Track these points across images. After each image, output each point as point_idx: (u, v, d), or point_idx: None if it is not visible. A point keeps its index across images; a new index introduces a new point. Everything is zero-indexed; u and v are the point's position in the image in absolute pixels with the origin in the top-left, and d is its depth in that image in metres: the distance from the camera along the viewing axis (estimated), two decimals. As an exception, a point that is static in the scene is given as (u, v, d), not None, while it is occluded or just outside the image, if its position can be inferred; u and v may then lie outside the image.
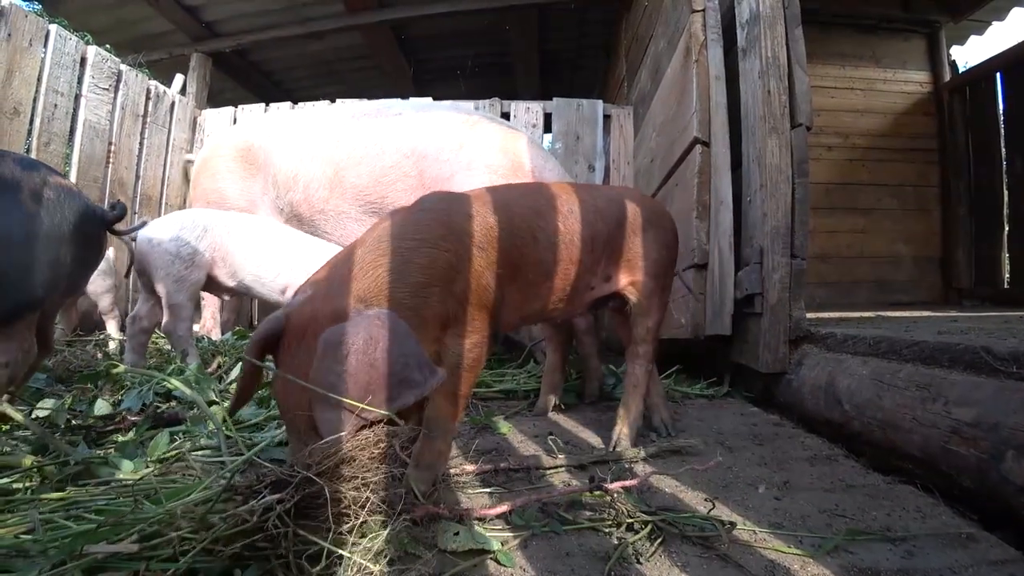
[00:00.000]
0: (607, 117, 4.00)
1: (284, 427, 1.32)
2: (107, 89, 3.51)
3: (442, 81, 5.95)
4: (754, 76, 1.99)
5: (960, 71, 4.50)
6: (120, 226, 1.55)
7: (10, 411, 1.30)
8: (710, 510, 1.00)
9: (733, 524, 0.95)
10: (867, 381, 1.40)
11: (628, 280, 1.49)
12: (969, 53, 22.06)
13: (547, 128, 4.01)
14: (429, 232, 1.12)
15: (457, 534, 0.90)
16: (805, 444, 1.47)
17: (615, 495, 1.04)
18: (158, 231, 2.19)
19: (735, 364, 2.12)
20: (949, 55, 4.43)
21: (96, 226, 1.43)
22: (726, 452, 1.40)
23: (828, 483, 1.19)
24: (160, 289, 2.16)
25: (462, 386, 1.14)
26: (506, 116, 3.94)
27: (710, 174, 2.24)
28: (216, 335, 3.09)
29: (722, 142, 2.20)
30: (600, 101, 4.02)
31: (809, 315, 1.91)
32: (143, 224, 2.06)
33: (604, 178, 3.93)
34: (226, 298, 3.08)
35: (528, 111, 3.96)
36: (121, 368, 1.89)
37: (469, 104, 3.89)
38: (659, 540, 0.92)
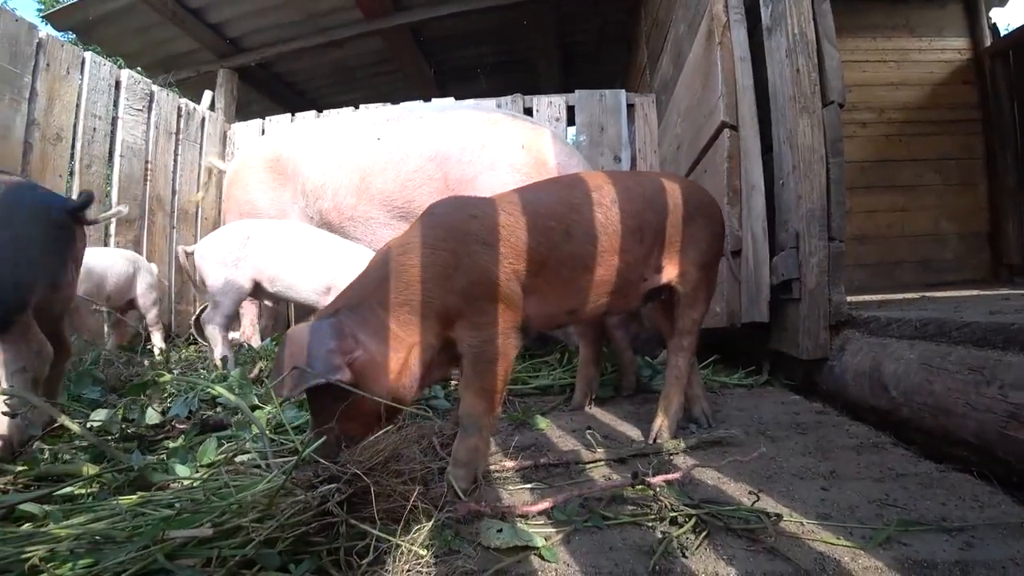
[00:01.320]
0: (631, 106, 3.95)
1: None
2: (141, 110, 3.64)
3: (463, 80, 5.96)
4: (781, 55, 1.94)
5: (1002, 34, 4.28)
6: (92, 214, 1.55)
7: (67, 422, 1.37)
8: (755, 502, 0.98)
9: (779, 516, 0.93)
10: (915, 365, 1.35)
11: (677, 271, 1.46)
12: (1011, 15, 20.93)
13: (570, 121, 3.98)
14: (427, 234, 1.19)
15: (500, 531, 0.91)
16: (851, 432, 1.43)
17: (657, 489, 1.03)
18: (207, 244, 2.40)
19: (774, 352, 2.07)
20: (989, 18, 4.22)
21: (60, 216, 1.43)
22: (768, 442, 1.38)
23: (877, 472, 1.16)
24: (208, 295, 2.42)
25: (486, 379, 1.16)
26: (528, 111, 3.93)
27: (740, 158, 2.19)
28: (256, 341, 3.18)
29: (751, 125, 2.14)
30: (623, 90, 3.97)
31: (850, 299, 1.85)
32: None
33: (630, 167, 3.89)
34: (268, 303, 3.19)
35: (551, 105, 3.94)
36: (167, 377, 1.96)
37: (491, 102, 3.90)
38: (704, 533, 0.91)
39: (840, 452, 1.28)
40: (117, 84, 3.47)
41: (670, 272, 1.46)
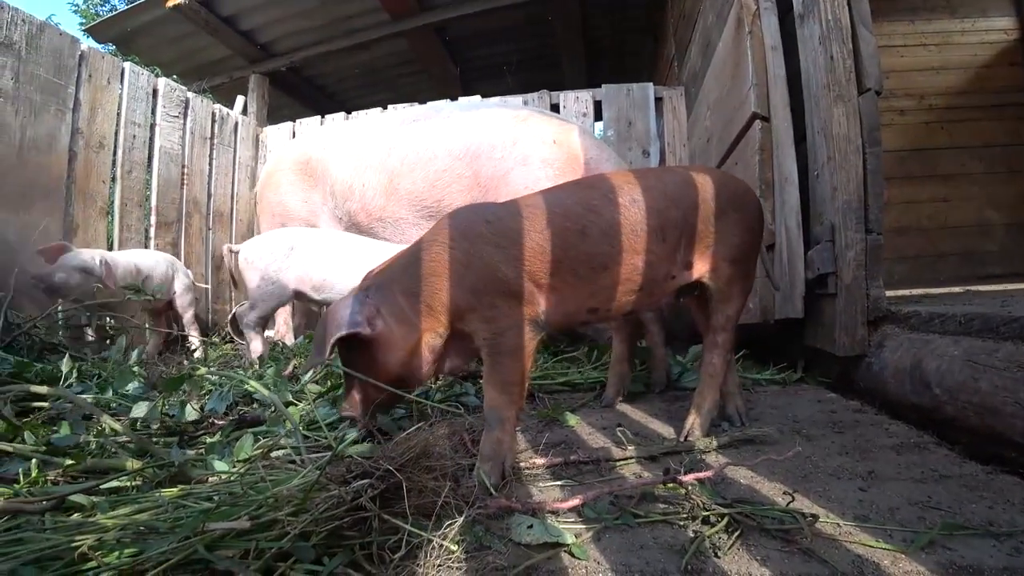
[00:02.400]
0: (659, 100, 3.89)
1: (356, 427, 1.38)
2: (177, 116, 3.76)
3: (489, 78, 5.97)
4: (814, 42, 1.88)
5: (1052, 13, 4.07)
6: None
7: (108, 420, 1.42)
8: (790, 502, 0.96)
9: (815, 517, 0.91)
10: (959, 362, 1.30)
11: (708, 267, 1.43)
12: (1062, -7, 19.81)
13: (598, 116, 3.95)
14: (442, 234, 1.31)
15: (531, 527, 0.91)
16: (890, 431, 1.39)
17: (689, 487, 1.02)
18: (252, 249, 2.49)
19: (809, 348, 2.02)
20: (1038, -3, 4.02)
21: None
22: (804, 441, 1.34)
23: (918, 473, 1.12)
24: (247, 296, 2.54)
25: (505, 372, 1.22)
26: (555, 107, 3.91)
27: (772, 150, 2.14)
28: (289, 339, 3.25)
29: (783, 115, 2.09)
30: (650, 84, 3.92)
31: (889, 293, 1.79)
32: None
33: (660, 162, 3.84)
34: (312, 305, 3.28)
35: (577, 100, 3.92)
36: (202, 371, 2.02)
37: (518, 99, 3.89)
38: (737, 533, 0.89)
39: (879, 452, 1.24)
40: (154, 92, 3.59)
41: (700, 268, 1.43)
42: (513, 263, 1.26)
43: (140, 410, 1.64)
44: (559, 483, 1.16)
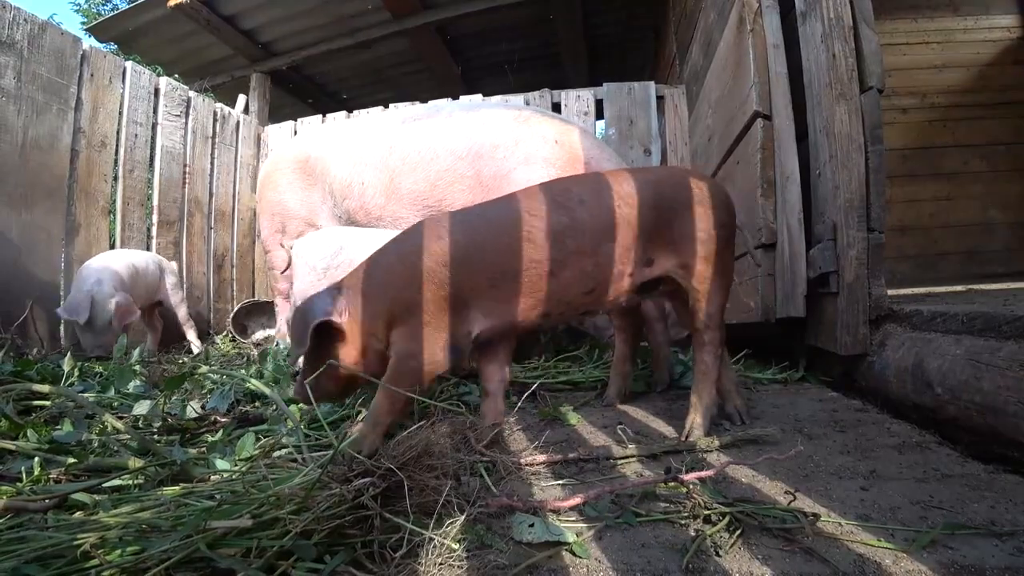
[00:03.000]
0: (660, 98, 3.89)
1: (357, 425, 1.39)
2: (179, 115, 3.76)
3: (491, 77, 5.97)
4: (816, 40, 1.88)
5: (1056, 12, 4.05)
6: None
7: (111, 419, 1.43)
8: (791, 501, 0.96)
9: (817, 516, 0.91)
10: (962, 361, 1.30)
11: (675, 263, 1.44)
12: (1066, -10, 19.72)
13: (599, 115, 3.94)
14: (399, 247, 1.40)
15: (532, 526, 0.91)
16: (892, 431, 1.38)
17: (690, 486, 1.02)
18: (304, 246, 2.61)
19: (810, 347, 2.02)
20: (1042, -5, 4.00)
21: None
22: (805, 440, 1.34)
23: (920, 472, 1.12)
24: (292, 293, 2.60)
25: (399, 384, 1.28)
26: (557, 106, 3.91)
27: (773, 148, 2.13)
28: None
29: (785, 114, 2.09)
30: (652, 83, 3.91)
31: (891, 292, 1.78)
32: None
33: (661, 160, 3.83)
34: None
35: (579, 99, 3.91)
36: (204, 369, 2.03)
37: (519, 98, 3.89)
38: (738, 532, 0.89)
39: (881, 451, 1.24)
40: (156, 91, 3.60)
41: (664, 264, 1.44)
42: (457, 280, 1.32)
43: (142, 408, 1.64)
44: (560, 482, 1.16)
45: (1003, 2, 3.99)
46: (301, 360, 1.44)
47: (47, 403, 1.66)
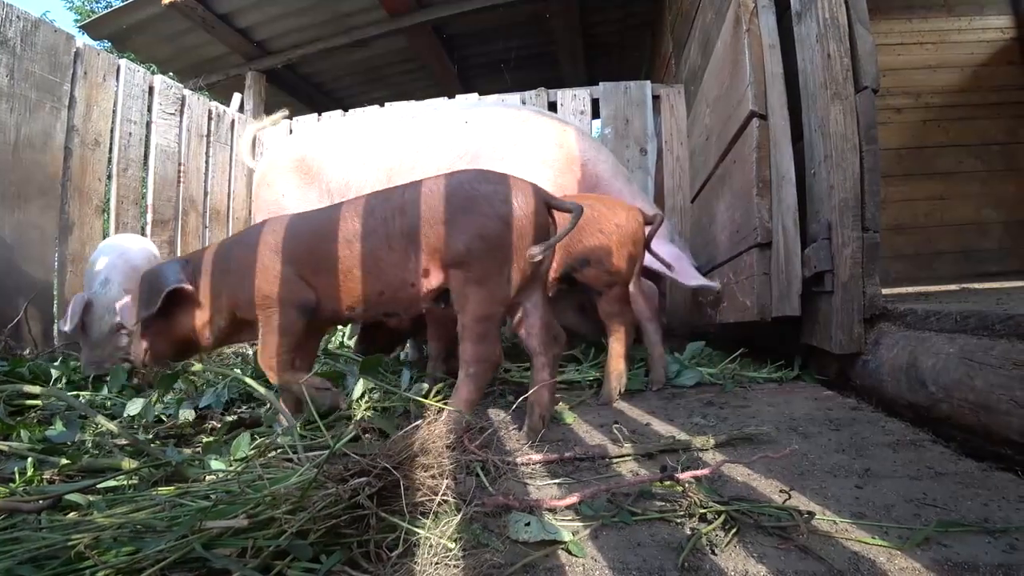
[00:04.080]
0: (656, 98, 3.89)
1: (353, 425, 1.38)
2: (173, 114, 3.74)
3: (487, 76, 5.96)
4: (811, 40, 1.88)
5: (1050, 12, 4.07)
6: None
7: (104, 421, 1.42)
8: (786, 499, 0.96)
9: (811, 514, 0.91)
10: (955, 360, 1.31)
11: (443, 274, 1.45)
12: (1059, -9, 19.81)
13: (595, 114, 3.94)
14: (245, 237, 1.61)
15: (528, 525, 0.91)
16: (886, 429, 1.39)
17: (686, 484, 1.02)
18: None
19: (806, 346, 2.03)
20: (1035, -4, 4.02)
21: None
22: (800, 439, 1.35)
23: (914, 470, 1.12)
24: None
25: (267, 352, 1.56)
26: (553, 105, 3.91)
27: (769, 148, 2.14)
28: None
29: (780, 114, 2.09)
30: (648, 82, 3.91)
31: (885, 291, 1.79)
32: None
33: (657, 160, 3.84)
34: None
35: (575, 98, 3.91)
36: (198, 367, 2.02)
37: (515, 97, 3.88)
38: (733, 531, 0.90)
39: (875, 449, 1.25)
40: (150, 90, 3.57)
41: (438, 276, 1.45)
42: (287, 268, 1.51)
43: (135, 407, 1.64)
44: (556, 481, 1.16)
45: (997, 3, 4.01)
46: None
47: (39, 403, 1.65)
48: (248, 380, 1.56)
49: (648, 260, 2.11)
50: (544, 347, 1.50)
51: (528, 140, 2.61)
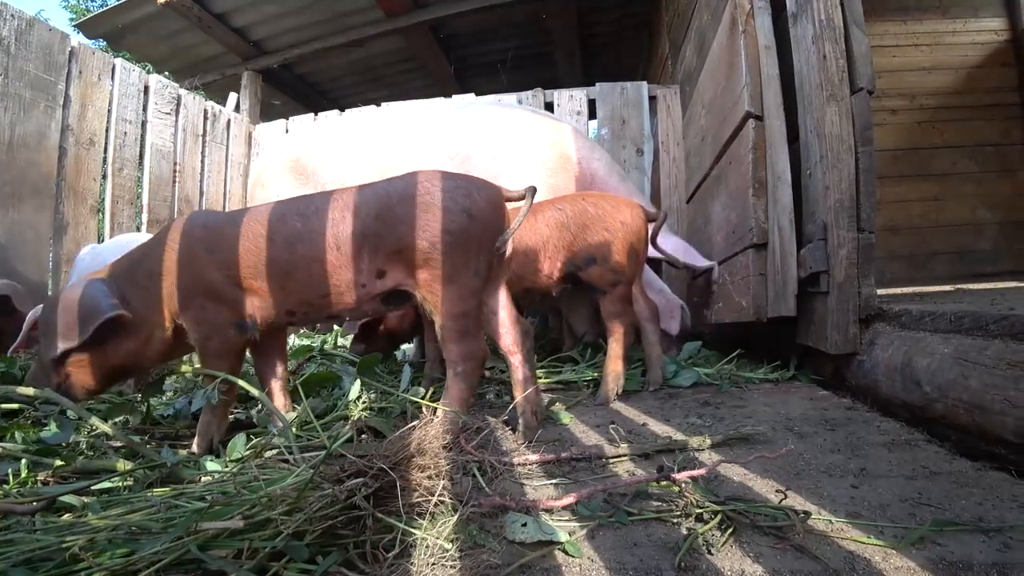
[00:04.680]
0: (652, 98, 3.89)
1: (350, 426, 1.38)
2: (169, 113, 3.73)
3: (484, 76, 5.96)
4: (807, 42, 1.89)
5: (1043, 14, 4.10)
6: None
7: (99, 423, 1.41)
8: (782, 499, 0.96)
9: (807, 514, 0.91)
10: (950, 360, 1.31)
11: (404, 274, 1.43)
12: (1052, -7, 19.94)
13: (592, 114, 3.94)
14: (168, 236, 1.47)
15: (524, 525, 0.91)
16: (881, 429, 1.40)
17: (682, 485, 1.02)
18: None
19: (801, 346, 2.03)
20: (1029, -2, 4.05)
21: None
22: (796, 439, 1.35)
23: (909, 470, 1.13)
24: None
25: (214, 369, 1.45)
26: (549, 105, 3.91)
27: (765, 149, 2.15)
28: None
29: (776, 115, 2.10)
30: (644, 82, 3.92)
31: (880, 291, 1.80)
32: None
33: (653, 160, 3.84)
34: None
35: (571, 99, 3.91)
36: (186, 368, 2.00)
37: (512, 97, 3.88)
38: (730, 530, 0.90)
39: (871, 449, 1.25)
40: (146, 89, 3.56)
41: (396, 276, 1.43)
42: (219, 267, 1.42)
43: (124, 410, 1.63)
44: (553, 481, 1.16)
45: (991, 5, 4.03)
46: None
47: (32, 405, 1.64)
48: (240, 382, 1.56)
49: (652, 253, 2.12)
50: (517, 344, 1.51)
51: (521, 140, 2.61)
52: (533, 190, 1.46)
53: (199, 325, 1.44)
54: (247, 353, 1.61)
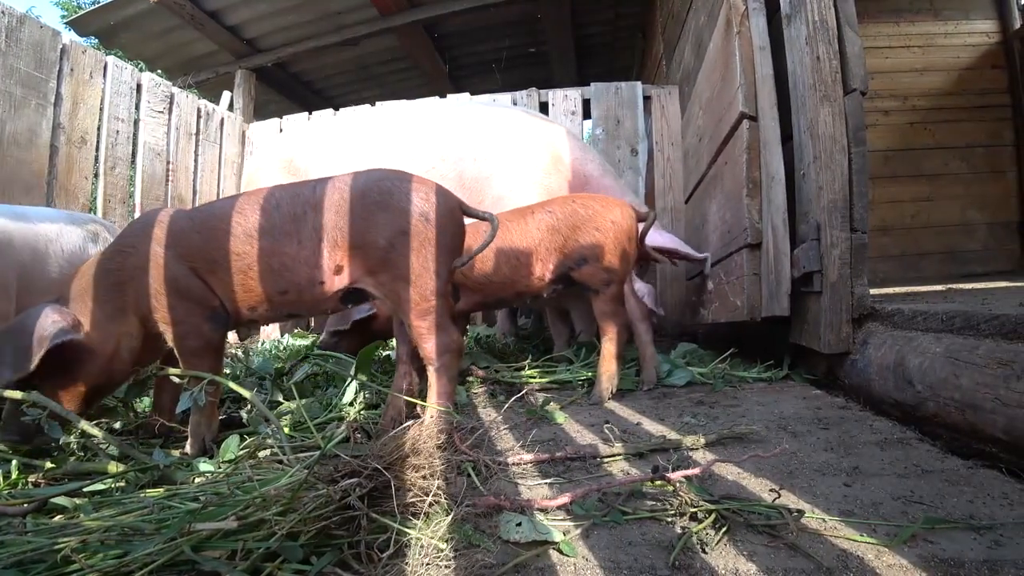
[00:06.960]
0: (647, 98, 3.90)
1: (345, 426, 1.38)
2: (162, 112, 3.70)
3: (478, 75, 5.96)
4: (801, 43, 1.90)
5: (1033, 17, 4.14)
6: None
7: (87, 427, 1.39)
8: (776, 498, 0.97)
9: (801, 512, 0.92)
10: (941, 359, 1.32)
11: (362, 272, 1.43)
12: (1042, -4, 20.12)
13: (586, 114, 3.95)
14: (123, 241, 1.45)
15: (519, 525, 0.91)
16: (874, 427, 1.40)
17: (676, 484, 1.02)
18: None
19: (795, 346, 2.04)
20: (1018, 0, 4.09)
21: None
22: (790, 438, 1.36)
23: (901, 468, 1.14)
24: None
25: (196, 368, 1.43)
26: (544, 105, 3.91)
27: (759, 149, 2.16)
28: (276, 336, 3.23)
29: (770, 115, 2.11)
30: (639, 83, 3.93)
31: (873, 291, 1.81)
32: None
33: (648, 160, 3.85)
34: None
35: (566, 99, 3.92)
36: (172, 371, 1.98)
37: (507, 97, 3.88)
38: (724, 529, 0.90)
39: (863, 448, 1.26)
40: (138, 87, 3.53)
41: (353, 273, 1.44)
42: (181, 262, 1.40)
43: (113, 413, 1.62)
44: (547, 480, 1.16)
45: (983, 7, 4.07)
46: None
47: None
48: (231, 383, 1.55)
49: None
50: (413, 357, 1.54)
51: (515, 142, 2.61)
52: (496, 221, 1.49)
53: (172, 326, 1.42)
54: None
